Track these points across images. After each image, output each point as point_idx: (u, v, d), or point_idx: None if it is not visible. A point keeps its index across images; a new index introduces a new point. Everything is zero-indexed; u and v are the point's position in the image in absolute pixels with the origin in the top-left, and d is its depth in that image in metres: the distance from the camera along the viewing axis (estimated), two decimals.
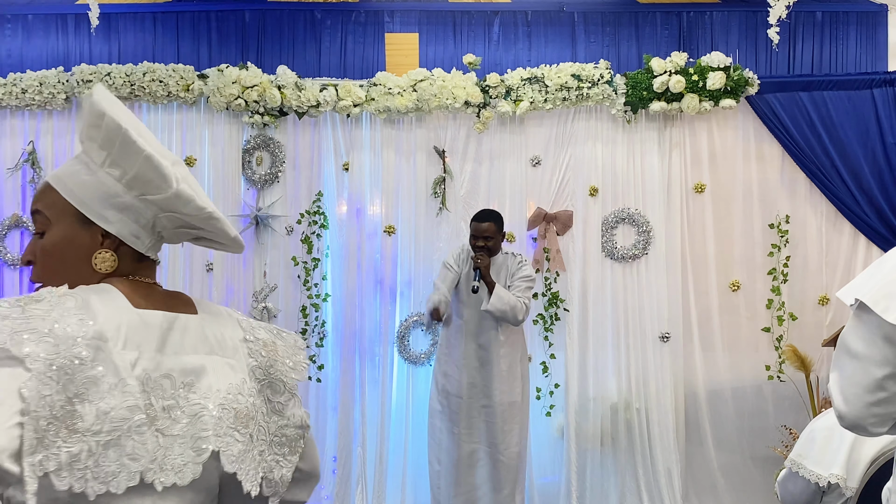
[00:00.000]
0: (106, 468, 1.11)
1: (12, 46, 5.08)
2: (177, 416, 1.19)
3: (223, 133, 4.96)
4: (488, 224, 4.16)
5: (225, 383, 1.26)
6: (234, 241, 1.37)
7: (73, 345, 1.10)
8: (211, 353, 1.28)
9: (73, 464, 1.08)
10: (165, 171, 1.24)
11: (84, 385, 1.10)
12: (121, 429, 1.12)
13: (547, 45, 5.08)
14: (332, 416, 4.89)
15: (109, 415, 1.11)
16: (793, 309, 4.90)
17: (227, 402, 1.25)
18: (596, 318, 4.89)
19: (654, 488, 4.78)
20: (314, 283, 4.92)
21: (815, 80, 4.86)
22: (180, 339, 1.25)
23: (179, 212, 1.28)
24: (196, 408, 1.21)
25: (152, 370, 1.19)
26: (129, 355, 1.17)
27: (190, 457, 1.19)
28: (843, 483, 2.26)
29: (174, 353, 1.23)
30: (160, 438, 1.17)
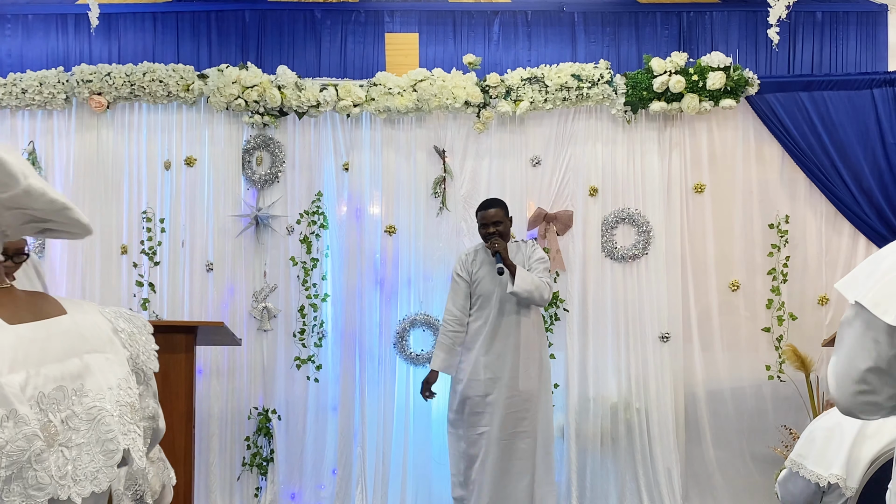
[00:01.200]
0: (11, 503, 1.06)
1: (12, 46, 5.08)
2: (76, 424, 1.14)
3: (223, 133, 4.96)
4: (495, 210, 4.17)
5: (113, 379, 1.22)
6: (85, 227, 1.27)
7: None
8: (91, 350, 1.22)
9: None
10: (12, 168, 1.15)
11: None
12: (20, 461, 1.06)
13: (547, 45, 5.09)
14: (332, 416, 4.89)
15: (5, 449, 1.05)
16: (792, 309, 4.90)
17: (120, 397, 1.21)
18: (596, 318, 4.89)
19: (654, 488, 4.78)
20: (313, 282, 4.92)
21: (815, 80, 4.86)
22: (60, 344, 1.18)
23: (30, 207, 1.19)
24: (93, 411, 1.17)
25: (43, 386, 1.12)
26: (17, 378, 1.09)
27: (101, 461, 1.16)
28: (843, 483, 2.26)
29: (58, 360, 1.16)
30: (66, 452, 1.12)
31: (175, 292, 4.91)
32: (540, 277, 4.08)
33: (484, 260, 4.23)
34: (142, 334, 1.33)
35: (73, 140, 4.99)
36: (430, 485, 4.84)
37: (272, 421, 4.86)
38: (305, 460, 4.86)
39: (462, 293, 4.25)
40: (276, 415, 4.87)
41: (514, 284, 4.00)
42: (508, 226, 4.23)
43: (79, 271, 4.95)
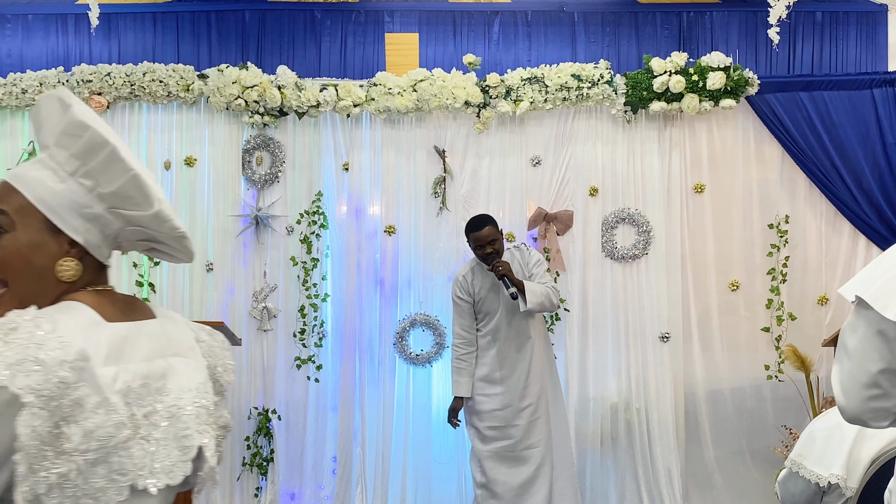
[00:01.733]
0: (95, 484, 1.13)
1: (12, 46, 5.08)
2: (155, 420, 1.22)
3: (223, 133, 4.96)
4: (488, 229, 4.09)
5: (193, 382, 1.31)
6: (192, 256, 1.39)
7: (59, 369, 1.10)
8: (175, 354, 1.31)
9: (62, 484, 1.10)
10: (150, 191, 1.27)
11: (70, 408, 1.11)
12: (107, 446, 1.14)
13: (547, 45, 5.09)
14: (332, 416, 4.89)
15: (95, 433, 1.13)
16: (792, 309, 4.90)
17: (197, 399, 1.30)
18: (596, 318, 4.89)
19: (654, 488, 4.78)
20: (314, 282, 4.92)
21: (815, 80, 4.86)
22: (148, 344, 1.27)
23: (151, 228, 1.30)
24: (172, 409, 1.25)
25: (131, 381, 1.20)
26: (110, 371, 1.18)
27: (177, 456, 1.24)
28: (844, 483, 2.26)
29: (145, 359, 1.25)
30: (145, 445, 1.20)
31: (175, 292, 4.91)
32: (545, 283, 4.07)
33: (483, 276, 4.20)
34: (221, 349, 1.43)
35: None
36: (430, 485, 4.84)
37: (272, 421, 4.86)
38: (305, 460, 4.86)
39: (467, 314, 4.23)
40: (276, 415, 4.87)
41: (526, 304, 3.96)
42: (502, 241, 4.16)
43: None
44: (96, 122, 1.26)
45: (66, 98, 1.28)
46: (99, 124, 1.27)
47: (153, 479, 1.19)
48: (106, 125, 1.29)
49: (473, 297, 4.22)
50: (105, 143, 1.25)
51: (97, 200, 1.28)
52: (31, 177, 1.27)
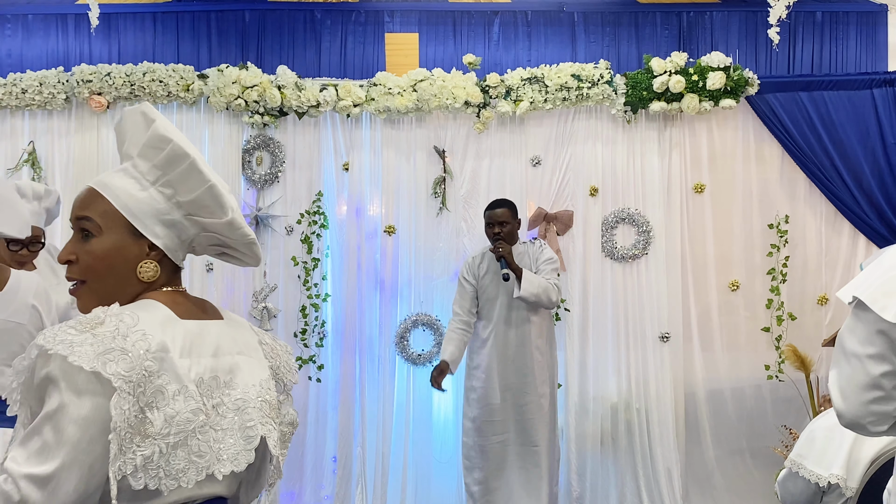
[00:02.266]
0: (175, 466, 1.25)
1: (12, 46, 5.08)
2: (223, 411, 1.34)
3: (223, 133, 4.96)
4: (503, 210, 4.19)
5: (257, 378, 1.42)
6: (259, 261, 1.51)
7: (144, 358, 1.23)
8: (240, 353, 1.43)
9: (146, 465, 1.22)
10: (225, 201, 1.40)
11: (153, 394, 1.23)
12: (186, 430, 1.26)
13: (547, 45, 5.09)
14: (333, 416, 4.89)
15: (175, 419, 1.25)
16: (792, 309, 4.90)
17: (261, 394, 1.41)
18: (596, 318, 4.89)
19: (654, 488, 4.78)
20: (314, 283, 4.92)
21: (815, 80, 4.86)
22: (216, 342, 1.39)
23: (224, 235, 1.42)
24: (239, 402, 1.36)
25: (203, 373, 1.33)
26: (185, 362, 1.30)
27: (241, 445, 1.34)
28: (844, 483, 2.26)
29: (213, 355, 1.37)
30: (213, 433, 1.31)
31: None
32: (547, 279, 4.08)
33: (490, 264, 4.24)
34: (283, 351, 1.55)
35: (73, 140, 4.99)
36: (430, 484, 4.84)
37: None
38: (305, 460, 4.86)
39: (468, 296, 4.26)
40: None
41: (520, 289, 4.00)
42: (516, 227, 4.25)
43: None
44: (177, 136, 1.38)
45: (150, 113, 1.40)
46: (180, 138, 1.39)
47: (219, 466, 1.29)
48: (185, 139, 1.41)
49: (477, 280, 4.26)
50: (185, 155, 1.37)
51: (175, 208, 1.40)
52: (115, 185, 1.39)
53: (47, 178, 4.97)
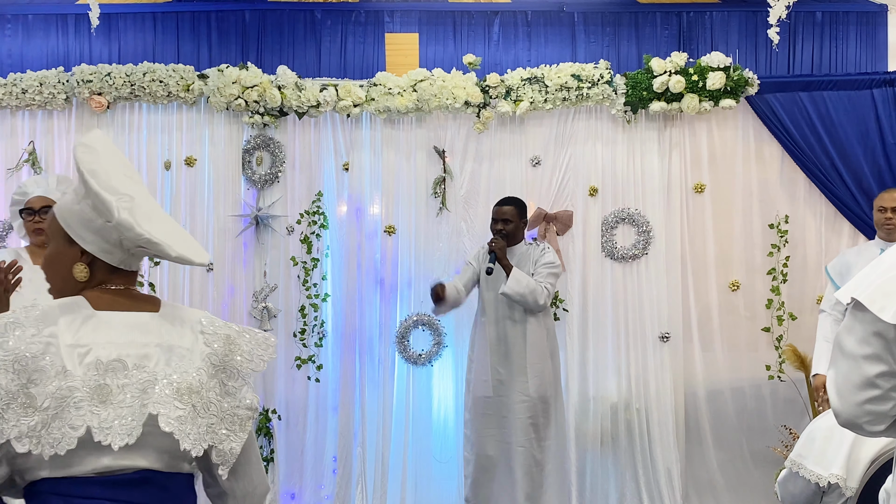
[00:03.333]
0: (54, 435, 1.42)
1: (12, 46, 5.08)
2: (130, 390, 1.48)
3: (223, 133, 4.96)
4: (509, 208, 4.26)
5: (172, 365, 1.53)
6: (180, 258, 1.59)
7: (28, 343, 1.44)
8: (161, 342, 1.55)
9: (29, 433, 1.40)
10: (107, 203, 1.53)
11: (36, 374, 1.43)
12: (62, 405, 1.43)
13: (547, 45, 5.09)
14: (333, 416, 4.89)
15: (54, 395, 1.43)
16: (792, 309, 4.90)
17: (170, 378, 1.51)
18: (596, 318, 4.89)
19: (654, 488, 4.78)
20: (314, 282, 4.92)
21: (815, 80, 4.86)
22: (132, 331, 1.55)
23: (123, 236, 1.56)
24: (145, 384, 1.49)
25: (104, 357, 1.49)
26: (81, 348, 1.48)
27: (138, 419, 1.47)
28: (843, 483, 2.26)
29: (128, 342, 1.53)
30: (117, 409, 1.46)
31: (175, 292, 4.91)
32: (539, 282, 4.08)
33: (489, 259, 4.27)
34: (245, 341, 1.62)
35: (73, 140, 4.98)
36: (430, 485, 4.84)
37: (272, 421, 4.86)
38: (305, 460, 4.86)
39: (467, 276, 4.32)
40: (276, 414, 4.87)
41: (505, 285, 4.03)
42: (520, 227, 4.31)
43: None
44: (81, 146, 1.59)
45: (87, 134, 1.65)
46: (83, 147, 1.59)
47: (115, 438, 1.44)
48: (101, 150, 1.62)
49: (479, 267, 4.31)
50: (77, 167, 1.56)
51: (97, 215, 1.57)
52: (63, 202, 1.63)
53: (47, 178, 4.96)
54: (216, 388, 1.56)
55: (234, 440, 1.56)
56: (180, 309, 1.65)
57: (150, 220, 1.57)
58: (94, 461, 1.46)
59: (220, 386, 1.57)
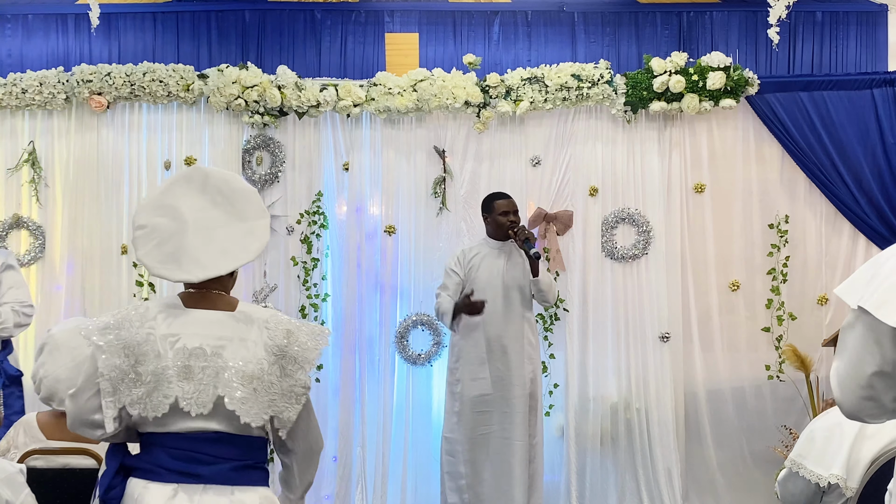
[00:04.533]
0: (153, 402, 1.92)
1: (12, 46, 5.08)
2: (207, 372, 1.94)
3: (223, 133, 4.96)
4: (514, 200, 4.37)
5: (240, 355, 1.98)
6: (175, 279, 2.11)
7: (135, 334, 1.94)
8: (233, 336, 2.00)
9: (137, 400, 1.92)
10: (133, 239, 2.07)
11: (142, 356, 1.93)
12: (159, 380, 1.92)
13: (547, 45, 5.08)
14: (333, 417, 4.89)
15: (153, 372, 1.92)
16: (792, 309, 4.90)
17: (237, 366, 1.96)
18: (596, 318, 4.89)
19: (654, 488, 4.78)
20: (314, 282, 4.92)
21: (815, 80, 4.86)
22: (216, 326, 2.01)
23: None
24: (218, 369, 1.95)
25: (190, 344, 1.96)
26: (172, 337, 1.96)
27: (210, 397, 1.94)
28: (843, 483, 2.26)
29: (208, 334, 1.99)
30: (196, 385, 1.93)
31: (175, 292, 4.89)
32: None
33: (486, 255, 4.27)
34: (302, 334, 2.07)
35: (73, 140, 4.99)
36: (430, 484, 4.83)
37: None
38: None
39: (453, 284, 4.28)
40: None
41: (543, 274, 4.13)
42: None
43: (79, 271, 4.94)
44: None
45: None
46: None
47: (196, 407, 1.93)
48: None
49: (465, 272, 4.28)
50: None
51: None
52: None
53: (47, 177, 4.97)
54: (277, 371, 2.00)
55: (291, 411, 2.02)
56: (253, 309, 2.09)
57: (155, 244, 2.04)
58: (182, 423, 1.95)
59: (280, 370, 2.00)
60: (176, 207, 2.01)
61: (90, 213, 4.94)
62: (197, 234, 2.01)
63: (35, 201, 4.96)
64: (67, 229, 4.98)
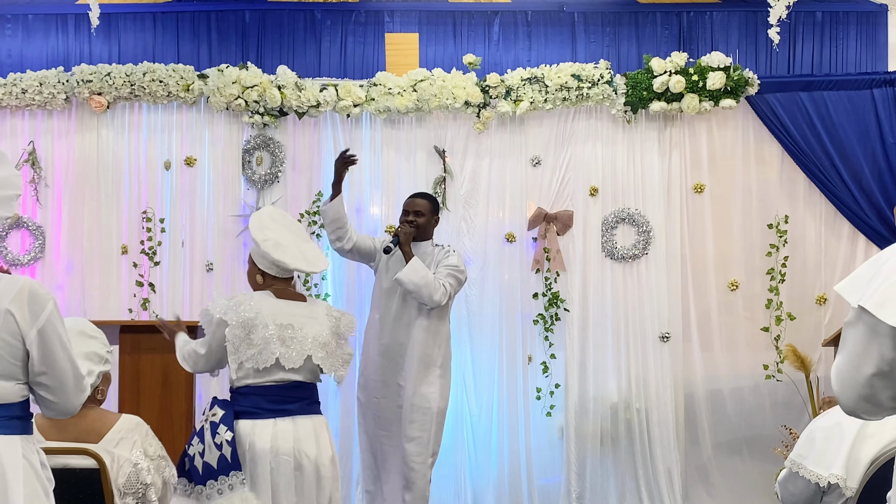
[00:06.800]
0: (263, 358, 2.87)
1: (12, 46, 5.08)
2: (297, 339, 2.93)
3: (223, 133, 4.96)
4: (422, 201, 3.99)
5: (315, 329, 3.00)
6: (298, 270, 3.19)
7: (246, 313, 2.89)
8: (309, 316, 3.02)
9: (251, 358, 2.87)
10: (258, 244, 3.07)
11: (253, 328, 2.88)
12: (265, 343, 2.87)
13: (547, 45, 5.09)
14: (333, 417, 4.88)
15: (262, 338, 2.87)
16: (791, 309, 4.90)
17: (315, 336, 2.98)
18: (596, 318, 4.89)
19: (654, 488, 4.78)
20: (314, 282, 4.92)
21: (815, 80, 4.86)
22: (294, 309, 3.00)
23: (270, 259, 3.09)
24: (303, 337, 2.95)
25: (284, 321, 2.93)
26: (272, 317, 2.91)
27: (300, 356, 2.93)
28: (844, 483, 2.26)
29: (295, 314, 2.98)
30: (287, 349, 2.90)
31: (175, 292, 4.91)
32: (437, 278, 3.81)
33: (399, 255, 3.90)
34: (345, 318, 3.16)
35: (73, 140, 4.99)
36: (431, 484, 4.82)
37: None
38: None
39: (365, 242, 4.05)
40: None
41: (402, 272, 3.75)
42: (431, 224, 4.01)
43: (79, 271, 4.95)
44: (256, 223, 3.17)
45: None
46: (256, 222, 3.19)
47: (288, 362, 2.90)
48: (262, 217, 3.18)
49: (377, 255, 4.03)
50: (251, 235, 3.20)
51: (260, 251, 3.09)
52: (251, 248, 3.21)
53: (47, 177, 4.97)
54: (335, 341, 3.05)
55: (343, 368, 3.09)
56: (315, 300, 3.44)
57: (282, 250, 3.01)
58: (277, 375, 2.90)
59: (336, 341, 3.06)
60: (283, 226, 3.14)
61: (90, 213, 4.95)
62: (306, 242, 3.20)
63: (35, 201, 4.96)
64: (67, 229, 4.98)
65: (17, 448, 1.96)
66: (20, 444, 1.97)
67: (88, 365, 2.54)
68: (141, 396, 4.01)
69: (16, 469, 1.93)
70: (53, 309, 2.04)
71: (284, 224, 3.17)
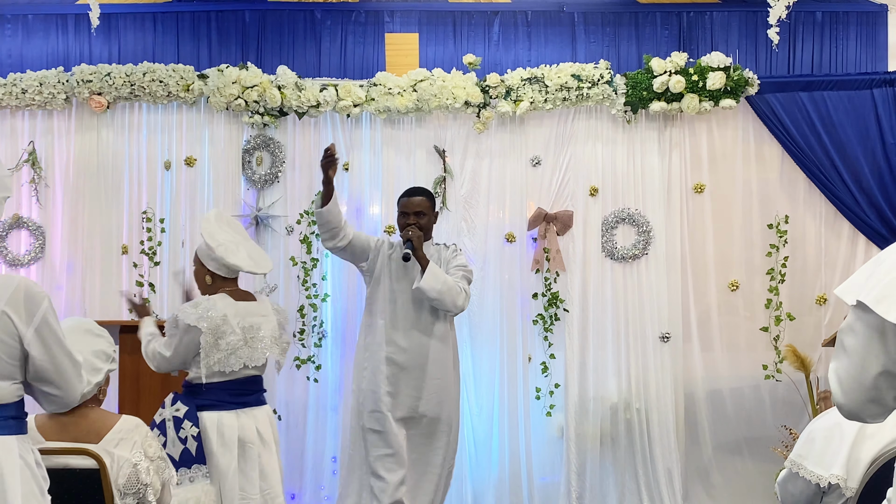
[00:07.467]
0: (230, 362, 3.18)
1: (12, 46, 5.08)
2: (256, 340, 3.24)
3: (223, 133, 4.96)
4: (420, 198, 3.84)
5: (269, 326, 3.32)
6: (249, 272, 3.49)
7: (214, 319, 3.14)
8: (263, 314, 3.32)
9: (219, 360, 3.16)
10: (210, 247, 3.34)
11: (221, 334, 3.15)
12: (232, 348, 3.17)
13: (547, 45, 5.09)
14: (332, 417, 4.89)
15: (229, 343, 3.16)
16: (791, 309, 4.90)
17: (270, 334, 3.31)
18: (596, 318, 4.89)
19: (654, 488, 4.78)
20: (313, 283, 4.92)
21: (815, 80, 4.86)
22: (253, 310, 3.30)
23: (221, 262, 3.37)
24: (261, 337, 3.27)
25: (246, 324, 3.22)
26: (237, 320, 3.19)
27: (262, 356, 3.27)
28: (844, 483, 2.26)
29: (251, 315, 3.26)
30: (252, 350, 3.23)
31: (175, 292, 4.91)
32: (456, 282, 3.66)
33: (399, 259, 3.75)
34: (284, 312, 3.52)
35: (73, 140, 4.99)
36: None
37: None
38: (305, 461, 4.86)
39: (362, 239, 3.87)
40: (276, 415, 4.86)
41: (421, 280, 3.56)
42: (432, 221, 3.90)
43: (79, 271, 4.95)
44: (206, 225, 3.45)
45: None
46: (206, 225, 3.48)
47: (251, 362, 3.22)
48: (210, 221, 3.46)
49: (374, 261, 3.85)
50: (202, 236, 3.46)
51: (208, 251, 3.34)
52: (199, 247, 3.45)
53: (47, 178, 4.97)
54: (279, 333, 3.37)
55: (283, 356, 3.44)
56: (261, 296, 3.56)
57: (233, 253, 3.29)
58: (240, 373, 3.22)
59: (280, 332, 3.38)
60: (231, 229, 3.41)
61: (90, 213, 4.95)
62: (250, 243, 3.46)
63: (35, 201, 4.96)
64: (67, 229, 4.98)
65: (14, 448, 1.99)
66: (16, 444, 2.00)
67: (96, 363, 2.56)
68: (141, 396, 4.01)
69: (13, 469, 1.96)
70: (48, 307, 2.07)
71: (231, 227, 3.43)
